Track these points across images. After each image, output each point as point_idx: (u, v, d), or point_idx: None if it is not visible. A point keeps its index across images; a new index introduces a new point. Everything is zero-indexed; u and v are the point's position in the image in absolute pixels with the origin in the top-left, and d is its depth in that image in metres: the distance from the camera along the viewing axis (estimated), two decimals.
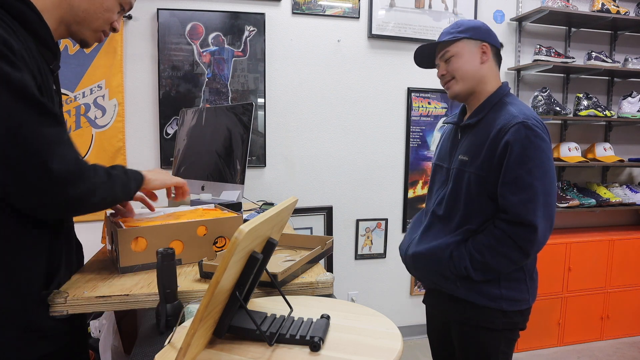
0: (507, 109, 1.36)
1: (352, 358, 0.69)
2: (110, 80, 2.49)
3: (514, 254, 1.30)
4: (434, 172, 1.60)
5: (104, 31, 1.06)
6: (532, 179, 1.27)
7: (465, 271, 1.35)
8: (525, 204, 1.27)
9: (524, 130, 1.28)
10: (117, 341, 1.38)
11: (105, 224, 1.30)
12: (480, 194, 1.35)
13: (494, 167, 1.32)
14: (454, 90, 1.44)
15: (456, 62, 1.42)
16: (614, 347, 3.06)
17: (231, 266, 0.62)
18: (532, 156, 1.27)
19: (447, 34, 1.44)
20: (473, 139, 1.40)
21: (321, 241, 1.29)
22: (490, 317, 1.37)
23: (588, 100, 3.07)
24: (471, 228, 1.37)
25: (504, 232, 1.30)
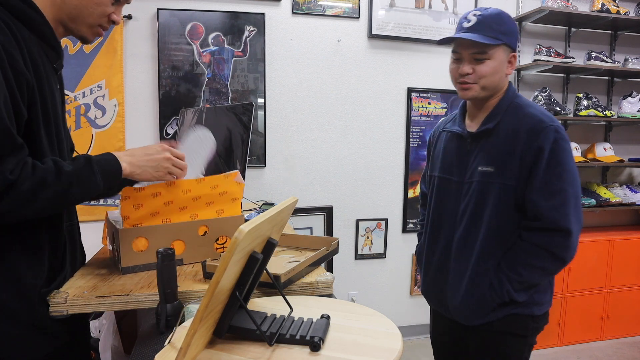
0: (526, 111, 1.30)
1: (352, 358, 0.69)
2: (110, 80, 2.49)
3: (551, 264, 1.26)
4: (439, 186, 1.47)
5: (101, 25, 1.04)
6: (563, 184, 1.23)
7: (508, 296, 1.28)
8: (558, 208, 1.23)
9: (553, 134, 1.24)
10: (117, 341, 1.38)
11: (105, 224, 1.30)
12: (509, 206, 1.29)
13: (524, 174, 1.26)
14: (472, 94, 1.33)
15: (488, 68, 1.30)
16: (614, 347, 3.06)
17: (231, 266, 0.62)
18: (562, 160, 1.24)
19: (488, 29, 1.28)
20: (493, 148, 1.31)
21: (326, 242, 1.29)
22: (521, 323, 1.32)
23: (588, 100, 3.07)
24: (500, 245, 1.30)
25: (535, 244, 1.25)
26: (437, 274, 1.45)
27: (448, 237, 1.41)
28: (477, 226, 1.33)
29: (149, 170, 1.06)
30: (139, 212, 1.10)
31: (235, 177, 1.23)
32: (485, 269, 1.31)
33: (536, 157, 1.25)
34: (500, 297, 1.29)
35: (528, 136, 1.26)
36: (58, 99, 1.02)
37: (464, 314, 1.36)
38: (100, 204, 2.49)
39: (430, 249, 1.49)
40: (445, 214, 1.43)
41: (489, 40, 1.26)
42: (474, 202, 1.34)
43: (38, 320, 0.94)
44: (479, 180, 1.33)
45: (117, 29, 2.47)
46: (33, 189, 0.84)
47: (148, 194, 1.10)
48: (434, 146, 1.55)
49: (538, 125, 1.26)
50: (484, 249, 1.31)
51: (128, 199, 1.08)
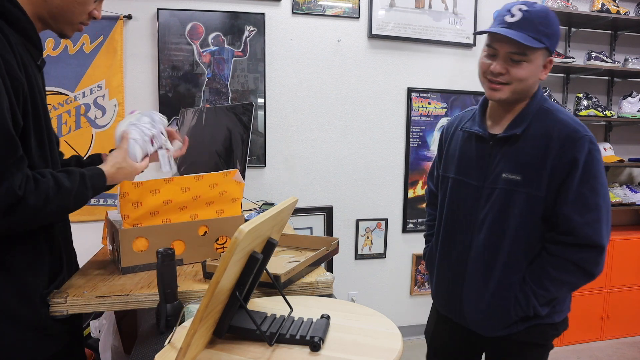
0: (556, 117, 1.22)
1: (352, 358, 0.69)
2: (110, 80, 2.49)
3: (580, 279, 1.21)
4: (455, 188, 1.37)
5: (82, 22, 1.04)
6: (598, 198, 1.17)
7: (534, 311, 1.23)
8: (592, 224, 1.17)
9: (587, 145, 1.16)
10: (117, 341, 1.38)
11: (105, 224, 1.30)
12: (536, 218, 1.22)
13: (554, 186, 1.19)
14: (502, 96, 1.22)
15: (525, 71, 1.18)
16: (614, 347, 3.06)
17: (231, 266, 0.62)
18: (596, 173, 1.17)
19: (533, 29, 1.15)
20: (520, 154, 1.22)
21: (326, 242, 1.28)
22: (542, 333, 1.28)
23: (588, 100, 3.07)
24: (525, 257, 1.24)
25: (566, 260, 1.19)
26: (452, 281, 1.37)
27: (465, 243, 1.33)
28: (500, 236, 1.25)
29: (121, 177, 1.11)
30: (138, 211, 1.10)
31: (235, 176, 1.22)
32: (511, 282, 1.25)
33: (570, 169, 1.16)
34: (526, 312, 1.23)
35: (561, 146, 1.17)
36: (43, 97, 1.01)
37: (485, 325, 1.30)
38: (100, 204, 2.49)
39: (444, 254, 1.41)
40: (462, 219, 1.35)
41: (532, 42, 1.14)
42: (497, 210, 1.25)
43: (39, 321, 0.94)
44: (503, 187, 1.24)
45: (117, 29, 2.47)
46: (38, 204, 0.87)
47: (146, 190, 1.10)
48: (448, 144, 1.44)
49: (573, 134, 1.17)
50: (510, 260, 1.25)
51: (127, 195, 1.08)
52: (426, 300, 3.12)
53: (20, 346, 0.92)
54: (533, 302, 1.22)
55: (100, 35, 2.45)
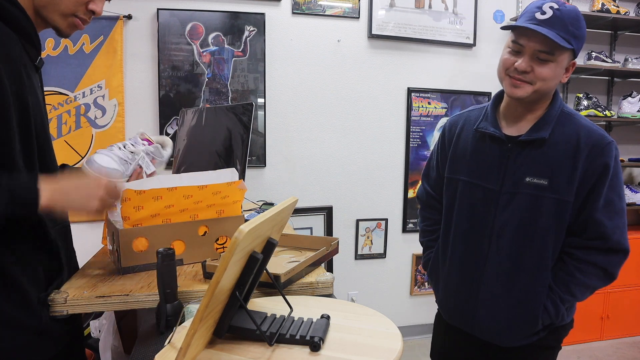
0: (579, 123, 1.20)
1: (352, 358, 0.68)
2: (110, 80, 2.49)
3: (603, 282, 1.22)
4: (469, 192, 1.30)
5: (77, 15, 0.96)
6: (622, 203, 1.20)
7: (562, 318, 1.23)
8: (622, 229, 1.19)
9: (614, 151, 1.17)
10: (117, 341, 1.38)
11: (105, 224, 1.30)
12: (563, 224, 1.20)
13: (583, 191, 1.17)
14: (523, 94, 1.17)
15: (550, 71, 1.14)
16: (614, 347, 3.06)
17: (231, 266, 0.62)
18: (620, 179, 1.20)
19: (564, 28, 1.11)
20: (546, 158, 1.19)
21: (326, 242, 1.28)
22: (556, 335, 1.29)
23: (588, 100, 3.07)
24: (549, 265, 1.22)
25: (593, 264, 1.18)
26: (465, 290, 1.31)
27: (481, 251, 1.27)
28: (526, 242, 1.21)
29: (75, 198, 0.90)
30: (139, 213, 1.10)
31: (239, 185, 1.23)
32: (537, 290, 1.21)
33: (601, 174, 1.16)
34: (554, 319, 1.22)
35: (590, 151, 1.16)
36: (40, 98, 0.98)
37: (503, 336, 1.26)
38: None
39: (455, 262, 1.33)
40: (477, 224, 1.28)
41: (562, 42, 1.10)
42: (521, 216, 1.21)
43: (40, 325, 0.93)
44: (528, 192, 1.20)
45: (117, 29, 2.47)
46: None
47: (149, 197, 1.10)
48: (455, 144, 1.36)
49: (602, 140, 1.17)
50: (536, 268, 1.21)
51: (128, 200, 1.08)
52: (426, 300, 3.12)
53: (18, 350, 0.91)
54: (562, 310, 1.21)
55: (100, 35, 2.45)
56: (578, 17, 1.14)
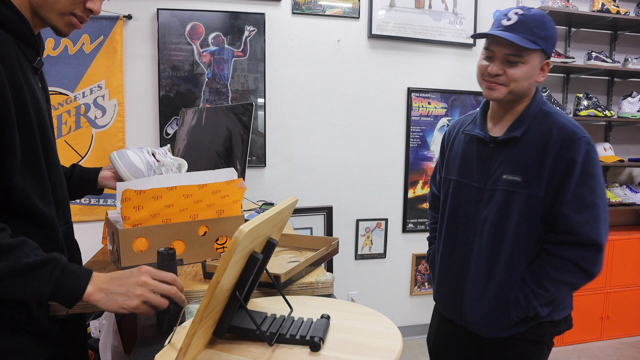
0: (555, 120, 1.25)
1: (352, 358, 0.69)
2: (110, 80, 2.49)
3: (580, 279, 1.23)
4: (457, 190, 1.40)
5: (75, 14, 0.94)
6: (595, 197, 1.20)
7: (534, 311, 1.25)
8: (591, 223, 1.20)
9: (585, 146, 1.20)
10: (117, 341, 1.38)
11: (105, 224, 1.30)
12: (536, 218, 1.25)
13: (553, 186, 1.22)
14: (498, 96, 1.26)
15: (520, 72, 1.22)
16: (614, 347, 3.06)
17: (231, 266, 0.62)
18: (593, 173, 1.21)
19: (529, 31, 1.20)
20: (520, 156, 1.26)
21: (326, 242, 1.28)
22: (540, 330, 1.30)
23: (588, 100, 3.07)
24: (525, 258, 1.27)
25: (565, 259, 1.21)
26: (454, 283, 1.39)
27: (467, 245, 1.36)
28: (500, 237, 1.28)
29: (116, 297, 0.82)
30: (139, 213, 1.10)
31: (238, 184, 1.23)
32: (511, 283, 1.27)
33: (568, 169, 1.20)
34: (526, 312, 1.25)
35: (559, 147, 1.21)
36: (42, 102, 0.97)
37: (485, 327, 1.32)
38: (100, 204, 2.49)
39: (446, 256, 1.43)
40: (463, 221, 1.38)
41: (527, 44, 1.19)
42: (497, 212, 1.28)
43: (39, 327, 0.93)
44: (504, 189, 1.27)
45: (117, 29, 2.47)
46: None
47: (149, 197, 1.10)
48: (450, 147, 1.48)
49: (571, 136, 1.21)
50: (510, 262, 1.27)
51: (129, 200, 1.08)
52: (426, 300, 3.12)
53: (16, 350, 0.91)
54: (534, 302, 1.24)
55: (100, 35, 2.45)
56: (543, 19, 1.22)
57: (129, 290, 0.83)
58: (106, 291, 0.82)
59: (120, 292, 0.82)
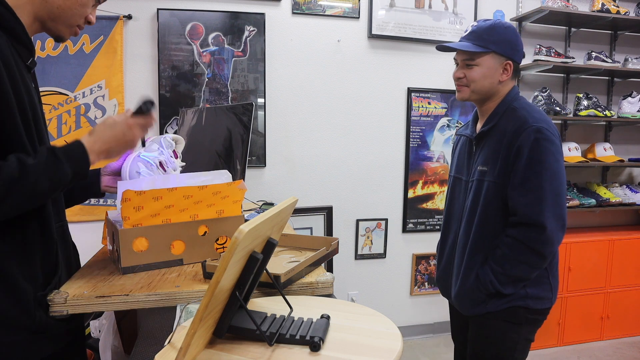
0: (517, 114, 1.39)
1: (352, 358, 0.69)
2: (110, 80, 2.49)
3: (531, 258, 1.33)
4: (453, 185, 1.61)
5: (79, 25, 1.04)
6: (541, 180, 1.30)
7: (492, 286, 1.37)
8: (534, 205, 1.30)
9: (533, 134, 1.31)
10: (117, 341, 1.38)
11: (105, 224, 1.30)
12: (497, 204, 1.38)
13: (507, 172, 1.35)
14: (464, 96, 1.47)
15: (476, 73, 1.42)
16: (614, 347, 3.06)
17: (231, 266, 0.62)
18: (540, 159, 1.31)
19: (479, 38, 1.41)
20: (488, 148, 1.43)
21: (326, 242, 1.29)
22: (513, 312, 1.40)
23: (588, 100, 3.07)
24: (490, 241, 1.40)
25: (514, 238, 1.33)
26: (446, 266, 1.57)
27: (455, 233, 1.53)
28: (472, 222, 1.44)
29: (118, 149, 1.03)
30: (139, 213, 1.10)
31: (239, 185, 1.23)
32: (474, 262, 1.42)
33: (516, 156, 1.33)
34: (485, 288, 1.38)
35: (511, 136, 1.35)
36: (36, 100, 0.99)
37: (460, 303, 1.49)
38: (100, 204, 2.49)
39: (443, 243, 1.62)
40: (454, 211, 1.56)
41: (474, 48, 1.40)
42: (472, 199, 1.45)
43: (37, 324, 0.93)
44: (477, 178, 1.44)
45: (117, 29, 2.47)
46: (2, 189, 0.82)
47: (149, 198, 1.10)
48: (454, 150, 1.68)
49: (522, 126, 1.34)
50: (474, 244, 1.42)
51: (129, 200, 1.08)
52: (426, 300, 3.12)
53: (16, 350, 0.91)
54: (490, 277, 1.37)
55: (100, 35, 2.45)
56: (493, 27, 1.42)
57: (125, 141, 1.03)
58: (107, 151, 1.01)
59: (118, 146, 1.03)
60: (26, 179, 0.85)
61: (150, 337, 0.93)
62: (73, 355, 1.09)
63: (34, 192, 0.87)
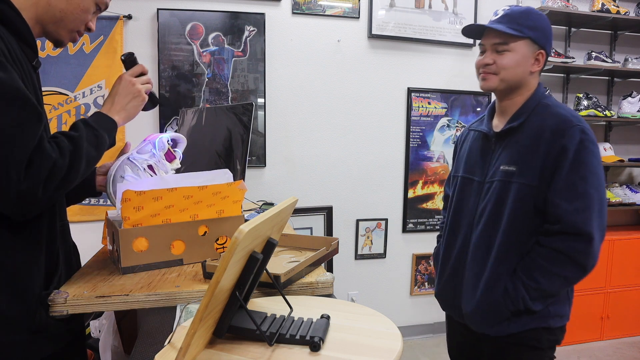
0: (553, 111, 1.27)
1: (352, 358, 0.69)
2: (110, 80, 2.49)
3: (571, 271, 1.19)
4: (462, 186, 1.43)
5: (78, 31, 1.06)
6: (587, 187, 1.18)
7: (524, 303, 1.22)
8: (581, 212, 1.17)
9: (579, 135, 1.19)
10: (117, 341, 1.38)
11: (105, 224, 1.30)
12: (527, 207, 1.24)
13: (546, 175, 1.21)
14: (491, 85, 1.32)
15: (508, 60, 1.28)
16: (614, 347, 3.06)
17: (231, 266, 0.62)
18: (587, 162, 1.19)
19: (513, 21, 1.27)
20: (516, 147, 1.28)
21: (326, 242, 1.28)
22: (537, 335, 1.27)
23: (588, 100, 3.07)
24: (516, 250, 1.25)
25: (554, 249, 1.19)
26: (452, 277, 1.40)
27: (465, 239, 1.37)
28: (494, 228, 1.28)
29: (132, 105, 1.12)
30: (139, 213, 1.10)
31: (239, 185, 1.23)
32: (500, 273, 1.25)
33: (560, 157, 1.20)
34: (515, 304, 1.22)
35: (552, 135, 1.21)
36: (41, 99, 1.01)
37: (477, 320, 1.31)
38: (100, 204, 2.49)
39: (447, 251, 1.44)
40: (464, 215, 1.39)
41: (510, 31, 1.25)
42: (493, 202, 1.29)
43: (37, 324, 0.93)
44: (500, 179, 1.29)
45: (117, 29, 2.47)
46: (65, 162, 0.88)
47: (149, 198, 1.10)
48: (460, 146, 1.52)
49: (563, 124, 1.21)
50: (500, 252, 1.26)
51: (129, 200, 1.08)
52: (426, 300, 3.12)
53: (16, 349, 0.91)
54: (522, 293, 1.21)
55: (100, 35, 2.45)
56: (529, 11, 1.29)
57: (132, 93, 1.12)
58: (124, 108, 1.11)
59: (130, 100, 1.11)
60: (80, 149, 0.92)
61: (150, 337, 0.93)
62: (73, 355, 1.09)
63: (89, 159, 0.96)
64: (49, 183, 0.85)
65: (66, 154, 0.89)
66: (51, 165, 0.85)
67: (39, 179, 0.83)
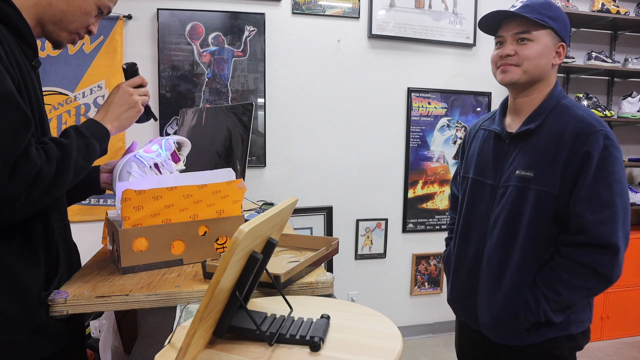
0: (573, 113, 1.19)
1: (352, 358, 0.68)
2: (110, 80, 2.49)
3: (595, 284, 1.14)
4: (473, 189, 1.36)
5: (79, 33, 1.06)
6: (613, 196, 1.12)
7: (545, 316, 1.17)
8: (606, 223, 1.11)
9: (602, 140, 1.12)
10: (117, 341, 1.38)
11: (105, 224, 1.30)
12: (547, 216, 1.17)
13: (567, 181, 1.14)
14: (514, 77, 1.22)
15: (532, 50, 1.19)
16: (614, 347, 3.06)
17: (231, 266, 0.62)
18: (612, 170, 1.13)
19: (535, 11, 1.18)
20: (533, 150, 1.20)
21: (326, 242, 1.28)
22: (557, 344, 1.22)
23: (588, 100, 3.07)
24: (536, 259, 1.19)
25: (578, 262, 1.13)
26: (467, 284, 1.34)
27: (479, 245, 1.31)
28: (512, 235, 1.22)
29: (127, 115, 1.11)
30: (139, 213, 1.10)
31: (238, 184, 1.23)
32: (521, 284, 1.20)
33: (583, 164, 1.12)
34: (536, 316, 1.17)
35: (574, 140, 1.14)
36: (40, 97, 1.01)
37: (495, 331, 1.26)
38: (100, 204, 2.49)
39: (460, 256, 1.38)
40: (477, 219, 1.33)
41: (535, 18, 1.17)
42: (509, 209, 1.22)
43: (38, 324, 0.93)
44: (516, 185, 1.21)
45: (117, 29, 2.47)
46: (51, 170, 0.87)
47: (149, 197, 1.10)
48: (469, 146, 1.44)
49: (587, 129, 1.14)
50: (521, 262, 1.20)
51: (129, 200, 1.08)
52: (426, 300, 3.12)
53: (16, 349, 0.91)
54: (544, 305, 1.16)
55: (100, 35, 2.45)
56: (548, 3, 1.22)
57: (128, 104, 1.11)
58: (118, 118, 1.09)
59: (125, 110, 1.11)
60: (69, 158, 0.91)
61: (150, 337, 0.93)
62: (73, 355, 1.09)
63: (77, 168, 0.94)
64: (33, 190, 0.83)
65: (53, 162, 0.87)
66: (36, 173, 0.83)
67: (22, 185, 0.81)
